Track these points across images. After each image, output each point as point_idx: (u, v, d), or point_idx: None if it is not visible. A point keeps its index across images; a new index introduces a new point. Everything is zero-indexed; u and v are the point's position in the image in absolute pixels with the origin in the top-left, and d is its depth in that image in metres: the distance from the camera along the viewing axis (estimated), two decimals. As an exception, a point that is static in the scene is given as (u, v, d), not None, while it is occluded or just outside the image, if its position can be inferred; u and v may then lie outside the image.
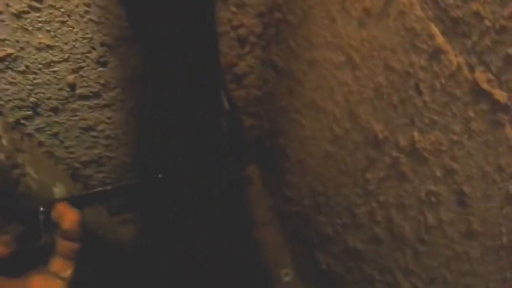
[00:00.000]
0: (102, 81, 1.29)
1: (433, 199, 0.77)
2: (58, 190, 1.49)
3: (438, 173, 0.73)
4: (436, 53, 0.63)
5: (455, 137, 0.66)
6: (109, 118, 1.47)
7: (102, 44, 1.17)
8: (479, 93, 0.57)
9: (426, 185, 0.78)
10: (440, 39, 0.61)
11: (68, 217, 0.91)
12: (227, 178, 1.45)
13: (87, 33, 1.13)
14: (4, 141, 1.19)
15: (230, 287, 1.96)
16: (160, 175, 1.16)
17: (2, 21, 0.99)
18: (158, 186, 1.63)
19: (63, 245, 0.88)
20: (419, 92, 0.70)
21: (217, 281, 1.91)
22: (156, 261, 1.93)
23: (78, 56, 1.18)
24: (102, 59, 1.22)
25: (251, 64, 1.60)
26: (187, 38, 0.80)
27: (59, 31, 1.09)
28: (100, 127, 1.51)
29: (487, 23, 0.52)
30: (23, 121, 1.31)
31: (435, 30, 0.62)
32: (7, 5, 0.96)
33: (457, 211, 0.71)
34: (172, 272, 1.92)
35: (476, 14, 0.53)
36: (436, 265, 0.82)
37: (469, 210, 0.67)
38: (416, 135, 0.75)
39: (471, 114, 0.60)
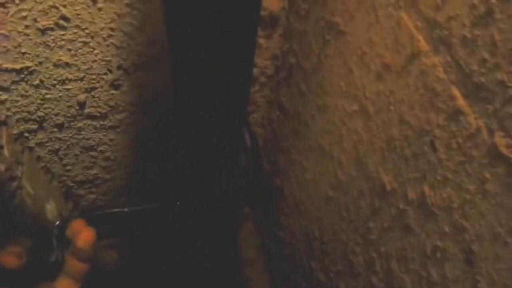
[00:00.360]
0: (112, 103, 1.31)
1: (438, 255, 0.78)
2: (50, 207, 1.47)
3: (446, 230, 0.74)
4: (455, 114, 0.66)
5: (468, 196, 0.67)
6: (111, 140, 1.48)
7: (119, 68, 1.19)
8: (496, 157, 0.60)
9: (432, 240, 0.79)
10: (460, 102, 0.64)
11: (83, 235, 0.88)
12: (233, 212, 1.44)
13: (107, 56, 1.15)
14: (6, 152, 1.18)
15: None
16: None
17: (27, 35, 1.01)
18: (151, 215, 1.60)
19: (73, 265, 0.86)
20: (434, 149, 0.73)
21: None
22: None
23: (94, 76, 1.19)
24: (116, 82, 1.24)
25: (258, 103, 1.63)
26: (219, 72, 0.82)
27: (80, 50, 1.11)
28: (101, 148, 1.50)
29: (511, 92, 0.55)
30: (26, 134, 1.30)
31: (456, 92, 0.65)
32: (35, 20, 0.98)
33: (463, 269, 0.72)
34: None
35: (501, 82, 0.56)
36: (434, 323, 0.82)
37: (477, 269, 0.68)
38: (426, 189, 0.77)
39: (487, 175, 0.62)
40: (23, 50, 1.06)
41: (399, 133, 0.82)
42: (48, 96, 1.20)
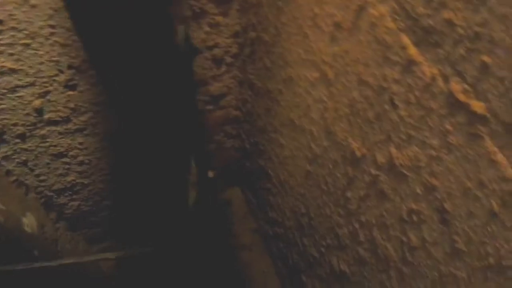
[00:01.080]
0: (71, 105, 1.24)
1: (414, 218, 0.73)
2: (28, 221, 1.42)
3: (418, 191, 0.69)
4: (409, 65, 0.61)
5: (433, 152, 0.62)
6: (81, 143, 1.42)
7: (70, 67, 1.13)
8: (455, 105, 0.54)
9: (406, 203, 0.74)
10: (412, 50, 0.59)
11: None
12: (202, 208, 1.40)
13: (53, 56, 1.08)
14: (-34, 171, 1.13)
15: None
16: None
17: (-39, 45, 0.95)
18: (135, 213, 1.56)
19: None
20: (394, 107, 0.68)
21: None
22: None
23: (45, 79, 1.13)
24: (70, 83, 1.17)
25: (228, 85, 1.57)
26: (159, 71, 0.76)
27: (23, 54, 1.04)
28: (72, 153, 1.45)
29: (460, 31, 0.50)
30: (-12, 150, 1.25)
31: (406, 41, 0.59)
32: (-35, 28, 0.92)
33: (440, 230, 0.67)
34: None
35: (448, 22, 0.50)
36: (422, 287, 0.78)
37: (453, 228, 0.64)
38: (393, 151, 0.72)
39: (448, 127, 0.57)
40: (-38, 61, 1.00)
41: (360, 94, 0.77)
42: (1, 106, 1.14)
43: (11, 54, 1.03)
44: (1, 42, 0.99)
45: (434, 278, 0.72)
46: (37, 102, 1.17)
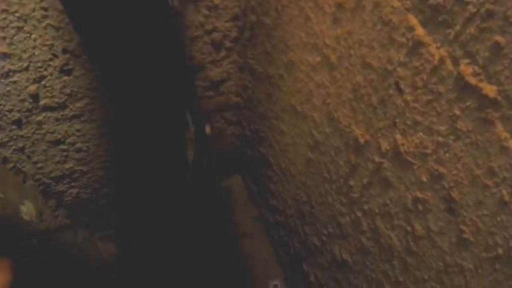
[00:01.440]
0: (67, 91, 1.22)
1: (420, 206, 0.71)
2: (26, 209, 1.40)
3: (424, 179, 0.67)
4: (416, 47, 0.57)
5: (440, 139, 0.59)
6: (78, 130, 1.39)
7: (65, 51, 1.10)
8: (465, 89, 0.51)
9: (411, 191, 0.72)
10: (419, 31, 0.55)
11: None
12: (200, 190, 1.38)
13: (47, 40, 1.05)
14: (-40, 159, 1.11)
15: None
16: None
17: (-50, 28, 0.91)
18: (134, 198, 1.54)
19: None
20: (400, 91, 0.64)
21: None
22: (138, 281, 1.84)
23: (39, 64, 1.10)
24: (65, 67, 1.14)
25: (228, 70, 1.53)
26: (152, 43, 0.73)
27: (16, 37, 1.01)
28: (69, 140, 1.42)
29: (472, 9, 0.46)
30: (-17, 137, 1.22)
31: (414, 21, 0.56)
32: (-47, 10, 0.89)
33: (446, 220, 0.65)
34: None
35: (458, -1, 0.47)
36: (426, 278, 0.76)
37: (460, 218, 0.61)
38: (398, 138, 0.69)
39: (457, 112, 0.54)
40: (-48, 46, 0.97)
41: (364, 79, 0.74)
42: (-5, 92, 1.12)
43: (3, 38, 0.99)
44: (-8, 25, 0.96)
45: (439, 269, 0.70)
46: (32, 88, 1.14)
